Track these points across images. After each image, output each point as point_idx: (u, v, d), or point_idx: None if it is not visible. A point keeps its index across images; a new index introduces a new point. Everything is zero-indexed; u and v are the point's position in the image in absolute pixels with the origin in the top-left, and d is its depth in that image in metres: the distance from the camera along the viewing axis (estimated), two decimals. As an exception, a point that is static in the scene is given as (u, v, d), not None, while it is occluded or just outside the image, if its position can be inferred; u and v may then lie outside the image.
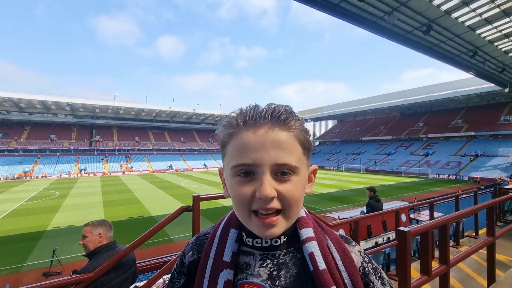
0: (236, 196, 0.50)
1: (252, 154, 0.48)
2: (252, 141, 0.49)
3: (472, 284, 3.19)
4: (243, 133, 0.50)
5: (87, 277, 1.76)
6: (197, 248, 0.61)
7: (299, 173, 0.51)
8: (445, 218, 2.06)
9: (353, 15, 10.83)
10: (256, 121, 0.50)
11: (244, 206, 0.50)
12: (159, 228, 2.05)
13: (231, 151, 0.51)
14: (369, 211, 6.16)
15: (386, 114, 68.99)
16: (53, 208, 19.59)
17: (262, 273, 0.53)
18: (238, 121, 0.52)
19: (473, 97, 48.67)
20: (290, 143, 0.50)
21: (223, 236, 0.58)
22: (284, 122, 0.50)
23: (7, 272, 9.41)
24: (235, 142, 0.51)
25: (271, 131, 0.49)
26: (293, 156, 0.50)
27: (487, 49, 14.32)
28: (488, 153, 40.03)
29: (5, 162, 44.14)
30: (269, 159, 0.48)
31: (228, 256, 0.54)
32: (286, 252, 0.55)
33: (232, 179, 0.51)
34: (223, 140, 0.54)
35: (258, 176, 0.48)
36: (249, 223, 0.51)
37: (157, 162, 55.30)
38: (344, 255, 0.54)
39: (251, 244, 0.56)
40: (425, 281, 1.83)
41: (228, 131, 0.53)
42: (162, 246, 11.40)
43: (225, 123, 0.54)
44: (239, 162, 0.49)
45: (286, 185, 0.49)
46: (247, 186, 0.49)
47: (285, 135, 0.50)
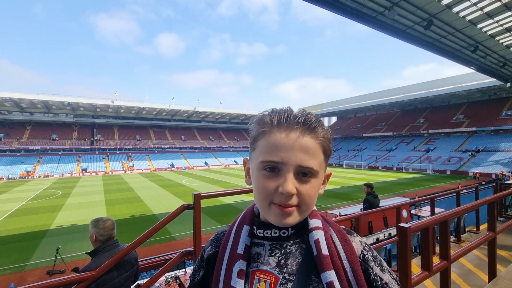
0: (261, 188, 0.56)
1: (282, 153, 0.54)
2: (284, 142, 0.55)
3: (473, 279, 3.20)
4: (276, 133, 0.56)
5: (90, 275, 1.77)
6: (215, 243, 0.70)
7: (318, 176, 0.58)
8: (446, 214, 2.06)
9: (353, 10, 10.74)
10: (289, 125, 0.56)
11: (266, 197, 0.56)
12: (160, 226, 2.06)
13: (262, 147, 0.57)
14: (367, 207, 6.18)
15: (387, 110, 68.76)
16: (56, 207, 19.70)
17: (271, 261, 0.60)
18: (273, 121, 0.57)
19: (474, 92, 48.39)
20: (315, 150, 0.56)
21: (237, 232, 0.65)
22: (314, 130, 0.57)
23: (11, 271, 9.50)
24: (268, 139, 0.57)
25: (301, 136, 0.55)
26: (316, 161, 0.56)
27: (488, 43, 14.20)
28: (490, 149, 39.92)
29: (8, 162, 44.33)
30: (295, 160, 0.54)
31: (241, 249, 0.61)
32: (293, 243, 0.61)
33: (259, 172, 0.57)
34: (255, 135, 0.59)
35: (282, 173, 0.55)
36: (268, 211, 0.57)
37: (158, 160, 55.41)
38: (346, 245, 0.60)
39: (261, 235, 0.63)
40: (426, 277, 1.83)
41: (262, 128, 0.58)
42: (164, 244, 11.47)
43: (259, 120, 0.60)
44: (268, 159, 0.55)
45: (305, 185, 0.56)
46: (272, 180, 0.55)
47: (312, 142, 0.56)
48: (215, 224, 14.18)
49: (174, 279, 3.18)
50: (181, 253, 2.32)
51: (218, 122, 75.08)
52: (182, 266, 3.43)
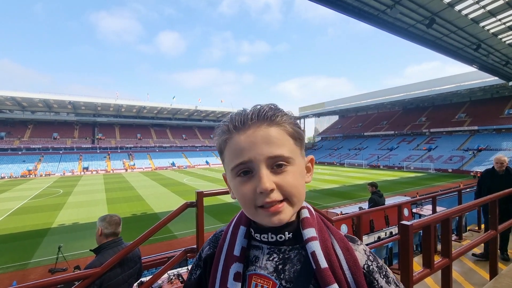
0: (241, 196, 0.54)
1: (246, 152, 0.52)
2: (244, 141, 0.53)
3: (475, 277, 3.20)
4: (235, 137, 0.54)
5: (94, 272, 1.79)
6: (213, 243, 0.68)
7: (294, 163, 0.54)
8: (447, 212, 2.06)
9: (355, 9, 10.70)
10: (244, 124, 0.54)
11: (249, 204, 0.53)
12: (163, 224, 2.07)
13: (228, 155, 0.55)
14: (372, 206, 6.17)
15: (389, 109, 68.59)
16: (57, 205, 19.79)
17: (269, 266, 0.57)
18: (229, 127, 0.56)
19: (477, 90, 48.18)
20: (279, 137, 0.53)
21: (234, 233, 0.63)
22: (271, 119, 0.54)
23: (14, 269, 9.56)
24: (230, 146, 0.55)
25: (259, 129, 0.53)
26: (285, 148, 0.53)
27: (491, 42, 14.12)
28: (492, 147, 39.78)
29: (9, 161, 44.51)
30: (262, 153, 0.51)
31: (238, 250, 0.59)
32: (292, 248, 0.58)
33: (234, 180, 0.55)
34: (220, 147, 0.58)
35: (256, 173, 0.52)
36: (257, 217, 0.54)
37: (159, 159, 55.52)
38: (348, 254, 0.56)
39: (258, 239, 0.60)
40: (427, 274, 1.84)
41: (222, 137, 0.57)
42: (166, 243, 11.51)
43: (219, 131, 0.58)
44: (236, 163, 0.53)
45: (282, 176, 0.52)
46: (248, 184, 0.53)
47: (274, 130, 0.53)
48: (216, 223, 14.22)
49: (177, 276, 3.20)
50: (184, 250, 2.33)
51: (219, 121, 71.11)
52: (184, 264, 3.46)
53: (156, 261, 3.87)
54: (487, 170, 4.13)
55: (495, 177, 3.94)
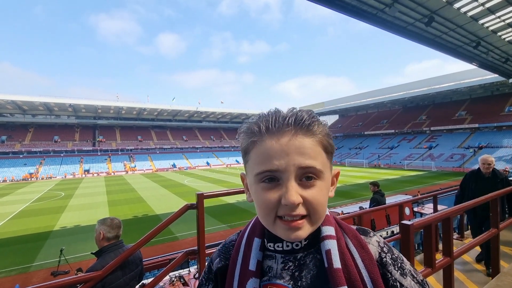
0: (262, 203, 0.50)
1: (277, 161, 0.48)
2: (277, 148, 0.49)
3: (477, 276, 3.20)
4: (266, 141, 0.50)
5: (95, 275, 1.79)
6: (224, 255, 0.63)
7: (323, 177, 0.51)
8: (448, 211, 2.06)
9: (353, 8, 10.69)
10: (279, 128, 0.50)
11: (270, 212, 0.50)
12: (164, 226, 2.08)
13: (255, 158, 0.51)
14: (375, 206, 6.16)
15: (389, 108, 68.55)
16: (59, 208, 19.82)
17: (284, 274, 0.55)
18: (261, 128, 0.51)
19: (477, 88, 48.10)
20: (314, 149, 0.50)
21: (248, 245, 0.59)
22: (308, 128, 0.50)
23: (16, 272, 9.57)
24: (259, 149, 0.51)
25: (294, 138, 0.49)
26: (317, 160, 0.50)
27: (490, 39, 14.10)
28: (493, 145, 39.72)
29: (11, 164, 44.59)
30: (294, 164, 0.48)
31: (253, 265, 0.56)
32: (307, 254, 0.56)
33: (256, 185, 0.51)
34: (246, 147, 0.54)
35: (283, 182, 0.49)
36: (274, 227, 0.51)
37: (160, 161, 55.56)
38: (363, 252, 0.54)
39: (272, 249, 0.57)
40: (429, 273, 1.84)
41: (251, 139, 0.52)
42: (167, 244, 11.52)
43: (247, 129, 0.54)
44: (263, 169, 0.49)
45: (311, 190, 0.49)
46: (273, 192, 0.49)
47: (309, 142, 0.50)
48: (218, 224, 14.22)
49: (178, 278, 3.20)
50: (185, 252, 2.33)
51: (219, 121, 75.13)
52: (186, 266, 3.46)
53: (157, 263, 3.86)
54: (472, 172, 3.74)
55: (481, 179, 3.57)
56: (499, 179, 3.46)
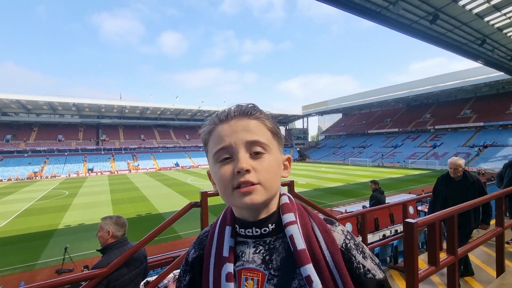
0: (220, 178, 0.57)
1: (227, 138, 0.57)
2: (226, 129, 0.58)
3: (481, 274, 3.17)
4: (218, 127, 0.60)
5: (101, 272, 1.81)
6: (198, 246, 0.69)
7: (271, 152, 0.58)
8: (452, 210, 2.05)
9: (357, 6, 10.60)
10: (228, 116, 0.60)
11: (227, 185, 0.56)
12: (168, 224, 2.09)
13: (211, 143, 0.60)
14: (374, 203, 6.17)
15: (392, 107, 68.12)
16: (63, 207, 20.01)
17: (256, 259, 0.60)
18: (215, 120, 0.61)
19: (482, 86, 47.60)
20: (258, 127, 0.59)
21: (220, 234, 0.64)
22: (251, 114, 0.60)
23: (21, 270, 9.70)
24: (213, 135, 0.60)
25: (241, 120, 0.59)
26: (262, 136, 0.58)
27: (496, 37, 13.91)
28: (498, 143, 39.32)
29: (15, 163, 45.07)
30: (241, 138, 0.56)
31: (227, 251, 0.61)
32: (276, 238, 0.61)
33: (214, 165, 0.59)
34: (205, 138, 0.63)
35: (235, 156, 0.56)
36: (232, 198, 0.57)
37: (163, 159, 55.82)
38: (327, 235, 0.60)
39: (243, 234, 0.62)
40: (432, 272, 1.83)
41: (207, 129, 0.62)
42: (171, 243, 11.58)
43: (205, 125, 0.64)
44: (217, 148, 0.58)
45: (259, 161, 0.57)
46: (228, 166, 0.56)
47: (253, 122, 0.59)
48: (221, 222, 14.26)
49: (182, 276, 3.21)
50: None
51: (222, 120, 75.14)
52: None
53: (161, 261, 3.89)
54: (443, 176, 3.53)
55: (451, 183, 3.38)
56: (470, 182, 3.25)
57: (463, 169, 3.31)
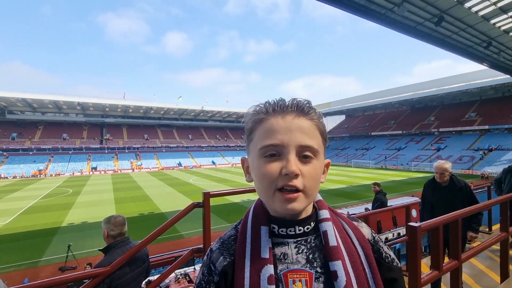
0: (264, 175, 0.55)
1: (280, 135, 0.54)
2: (281, 125, 0.55)
3: (485, 280, 3.14)
4: (271, 119, 0.57)
5: (103, 270, 1.83)
6: (227, 251, 0.62)
7: (319, 157, 0.57)
8: (456, 214, 2.03)
9: (361, 7, 10.57)
10: (283, 109, 0.57)
11: (270, 184, 0.54)
12: (171, 224, 2.10)
13: (260, 135, 0.57)
14: (379, 206, 6.12)
15: (396, 109, 67.70)
16: (67, 205, 20.18)
17: (300, 259, 0.58)
18: (268, 109, 0.58)
19: (487, 89, 47.11)
20: (312, 130, 0.57)
21: (255, 234, 0.60)
22: (308, 112, 0.58)
23: (25, 267, 9.79)
24: (264, 126, 0.57)
25: (297, 118, 0.56)
26: (315, 141, 0.57)
27: (502, 39, 13.79)
28: (503, 147, 38.86)
29: (21, 161, 45.57)
30: (295, 141, 0.54)
31: (266, 252, 0.57)
32: (316, 236, 0.61)
33: (259, 159, 0.56)
34: (251, 126, 0.60)
35: (284, 156, 0.54)
36: (273, 200, 0.55)
37: (166, 159, 56.03)
38: (357, 231, 0.63)
39: (284, 234, 0.60)
40: (435, 276, 1.82)
41: (256, 117, 0.59)
42: (173, 242, 11.62)
43: (253, 111, 0.60)
44: (267, 143, 0.55)
45: (307, 166, 0.55)
46: (274, 164, 0.54)
47: (309, 123, 0.57)
48: (223, 223, 14.27)
49: (184, 275, 3.23)
50: (191, 250, 2.35)
51: (225, 121, 75.32)
52: (191, 264, 3.49)
53: (163, 260, 3.91)
54: (429, 181, 3.32)
55: (437, 189, 3.17)
56: (457, 187, 3.05)
57: (450, 173, 3.11)
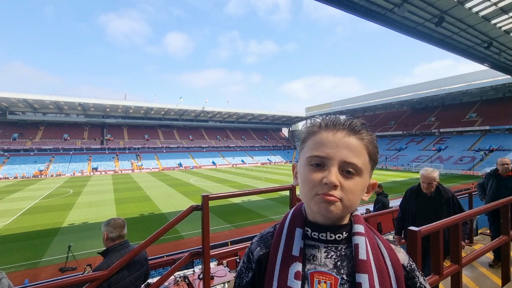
0: (307, 180, 0.60)
1: (327, 149, 0.59)
2: (330, 139, 0.60)
3: (486, 283, 3.12)
4: (323, 133, 0.62)
5: (101, 274, 1.82)
6: (264, 244, 0.71)
7: (362, 176, 0.60)
8: (457, 217, 2.02)
9: (361, 8, 10.58)
10: (336, 126, 0.62)
11: (311, 189, 0.59)
12: (169, 227, 2.09)
13: (310, 145, 0.63)
14: (380, 207, 6.09)
15: (397, 109, 67.63)
16: (68, 205, 20.18)
17: (328, 263, 0.62)
18: (321, 124, 0.64)
19: (488, 89, 47.05)
20: (359, 149, 0.60)
21: (290, 234, 0.67)
22: (359, 132, 0.62)
23: (25, 267, 9.78)
24: (316, 138, 0.63)
25: (346, 137, 0.61)
26: (360, 159, 0.60)
27: (503, 39, 13.77)
28: (504, 148, 38.77)
29: (22, 161, 45.65)
30: (340, 156, 0.59)
31: (297, 251, 0.63)
32: (347, 246, 0.64)
33: (306, 166, 0.62)
34: (305, 136, 0.66)
35: (327, 167, 0.59)
36: (312, 201, 0.60)
37: (166, 160, 56.06)
38: (392, 253, 0.65)
39: (316, 237, 0.65)
40: (436, 281, 1.80)
41: (310, 129, 0.65)
42: (173, 243, 11.60)
43: (309, 123, 0.68)
44: (314, 154, 0.60)
45: (348, 181, 0.59)
46: (317, 173, 0.59)
47: (357, 142, 0.61)
48: (223, 224, 14.25)
49: (183, 278, 3.22)
50: (190, 253, 2.34)
51: (226, 121, 75.32)
52: (190, 266, 3.47)
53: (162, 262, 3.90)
54: (412, 189, 3.06)
55: (421, 199, 2.91)
56: (444, 198, 2.79)
57: (437, 183, 2.86)
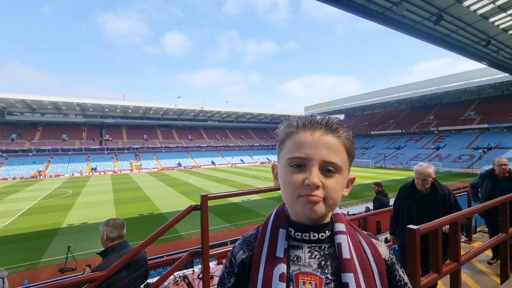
0: (289, 183, 0.60)
1: (307, 150, 0.59)
2: (309, 139, 0.60)
3: (485, 281, 3.13)
4: (301, 133, 0.62)
5: (100, 275, 1.81)
6: (247, 247, 0.70)
7: (342, 173, 0.61)
8: (455, 215, 2.02)
9: (360, 7, 10.56)
10: (313, 125, 0.62)
11: (294, 191, 0.59)
12: (168, 227, 2.09)
13: (289, 146, 0.62)
14: (377, 206, 6.11)
15: (395, 108, 67.73)
16: (67, 206, 20.15)
17: (312, 263, 0.62)
18: (298, 123, 0.64)
19: (486, 88, 47.14)
20: (338, 147, 0.61)
21: (273, 235, 0.66)
22: (336, 130, 0.62)
23: (25, 268, 9.77)
24: (294, 139, 0.62)
25: (324, 135, 0.61)
26: (339, 157, 0.60)
27: (501, 38, 13.79)
28: (503, 145, 38.91)
29: (20, 162, 45.50)
30: (320, 156, 0.59)
31: (281, 252, 0.63)
32: (330, 245, 0.65)
33: (286, 168, 0.62)
34: (283, 137, 0.66)
35: (308, 168, 0.59)
36: (296, 203, 0.60)
37: (165, 159, 55.99)
38: (373, 249, 0.66)
39: (300, 238, 0.65)
40: (435, 279, 1.81)
41: (288, 130, 0.65)
42: (172, 243, 11.60)
43: (286, 124, 0.67)
44: (294, 155, 0.60)
45: (329, 180, 0.59)
46: (299, 174, 0.59)
47: (335, 141, 0.61)
48: (222, 223, 14.26)
49: (182, 278, 3.22)
50: (189, 253, 2.34)
51: (225, 121, 75.27)
52: (190, 266, 3.47)
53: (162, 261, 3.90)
54: (405, 186, 2.97)
55: (416, 196, 2.80)
56: (440, 196, 2.68)
57: (433, 179, 2.75)
